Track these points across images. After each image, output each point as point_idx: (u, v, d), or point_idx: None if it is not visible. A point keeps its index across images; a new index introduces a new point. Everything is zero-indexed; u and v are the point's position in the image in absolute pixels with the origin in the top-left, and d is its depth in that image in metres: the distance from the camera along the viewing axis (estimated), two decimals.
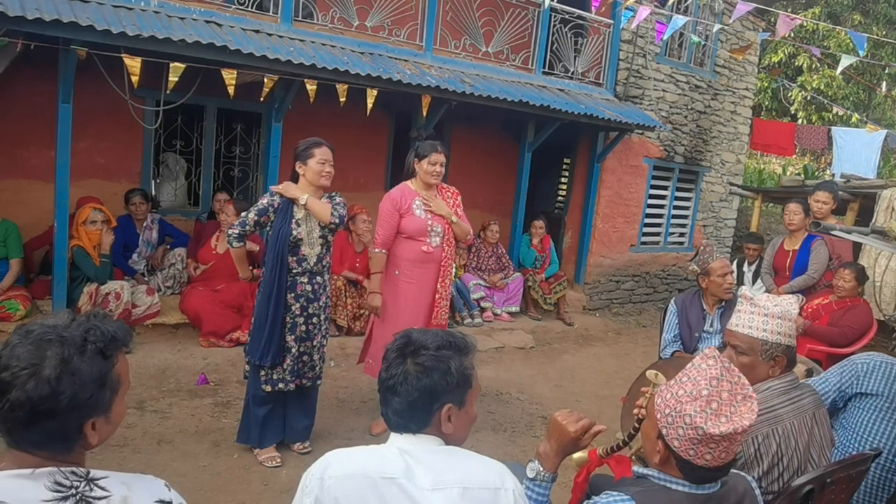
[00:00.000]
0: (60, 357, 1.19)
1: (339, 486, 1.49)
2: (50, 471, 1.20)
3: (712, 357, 1.63)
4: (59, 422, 1.20)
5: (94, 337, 1.24)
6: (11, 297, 4.97)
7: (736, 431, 1.53)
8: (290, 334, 3.69)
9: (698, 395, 1.56)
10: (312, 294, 3.72)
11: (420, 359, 1.55)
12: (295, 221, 3.62)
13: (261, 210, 3.65)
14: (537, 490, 1.83)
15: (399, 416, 1.56)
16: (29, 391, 1.17)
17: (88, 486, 1.22)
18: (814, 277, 5.29)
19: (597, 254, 8.65)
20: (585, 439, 1.85)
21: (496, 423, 4.69)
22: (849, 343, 4.81)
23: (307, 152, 3.64)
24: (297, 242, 3.63)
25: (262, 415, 3.73)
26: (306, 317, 3.72)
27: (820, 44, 14.74)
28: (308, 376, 3.80)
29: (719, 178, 9.90)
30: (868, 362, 2.73)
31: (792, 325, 2.26)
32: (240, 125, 6.80)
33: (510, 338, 6.84)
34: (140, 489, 1.28)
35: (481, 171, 8.13)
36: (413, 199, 4.14)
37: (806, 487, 2.08)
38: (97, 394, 1.23)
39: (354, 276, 6.16)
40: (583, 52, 8.01)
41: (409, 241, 4.14)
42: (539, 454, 1.87)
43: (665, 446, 1.62)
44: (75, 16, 4.49)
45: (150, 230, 5.99)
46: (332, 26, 6.26)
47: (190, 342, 5.42)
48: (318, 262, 3.71)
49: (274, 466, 3.68)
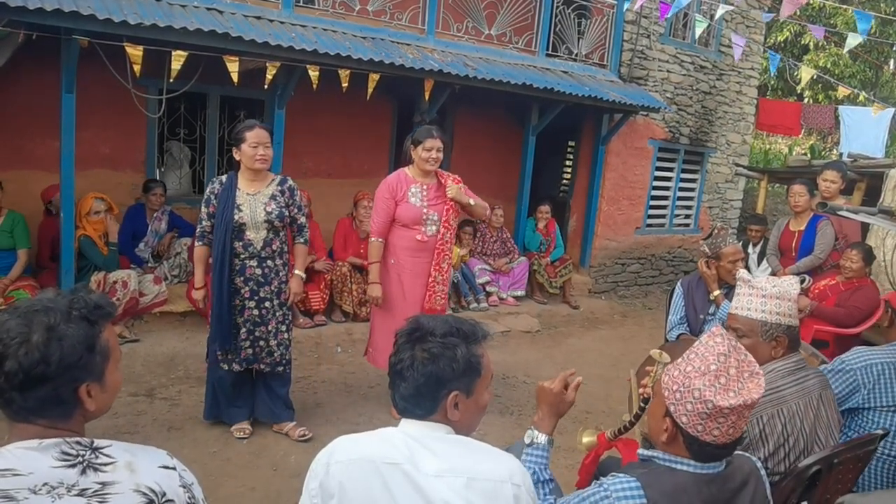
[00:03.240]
0: (47, 324, 1.25)
1: (343, 472, 1.51)
2: (56, 441, 1.26)
3: (719, 335, 1.64)
4: (53, 386, 1.26)
5: (79, 305, 1.30)
6: (20, 287, 5.00)
7: (745, 404, 1.54)
8: (240, 317, 3.72)
9: (707, 370, 1.57)
10: (263, 278, 3.70)
11: (427, 345, 1.56)
12: (237, 207, 3.61)
13: (206, 200, 3.66)
14: (535, 454, 1.90)
15: (406, 400, 1.58)
16: (20, 358, 1.22)
17: (94, 453, 1.28)
18: (820, 258, 5.27)
19: (602, 237, 8.64)
20: (570, 393, 1.93)
21: (503, 407, 4.71)
22: (856, 323, 4.80)
23: (240, 136, 3.59)
24: (240, 227, 3.61)
25: (229, 393, 3.82)
26: (257, 301, 3.71)
27: (826, 21, 14.57)
28: (265, 361, 3.79)
29: (725, 159, 9.84)
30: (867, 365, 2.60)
31: (792, 304, 2.25)
32: (243, 112, 6.79)
33: (516, 322, 6.85)
34: (143, 456, 1.34)
35: (485, 155, 8.11)
36: (409, 187, 4.08)
37: (813, 468, 2.09)
38: (86, 357, 1.29)
39: (359, 261, 6.17)
40: (586, 34, 7.95)
41: (404, 230, 4.09)
42: (534, 423, 1.96)
43: (673, 423, 1.62)
44: (77, 5, 4.47)
45: (160, 221, 6.01)
46: (334, 11, 6.22)
47: (198, 330, 5.45)
48: (266, 247, 3.68)
49: (240, 437, 3.80)
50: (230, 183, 3.66)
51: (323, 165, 7.12)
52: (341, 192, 6.83)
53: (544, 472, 1.87)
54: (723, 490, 1.63)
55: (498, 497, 1.50)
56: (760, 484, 1.72)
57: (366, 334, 5.69)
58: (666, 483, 1.59)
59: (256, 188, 3.68)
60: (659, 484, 1.59)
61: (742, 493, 1.66)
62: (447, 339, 1.57)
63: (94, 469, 1.26)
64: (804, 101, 15.48)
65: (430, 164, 4.06)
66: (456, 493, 1.47)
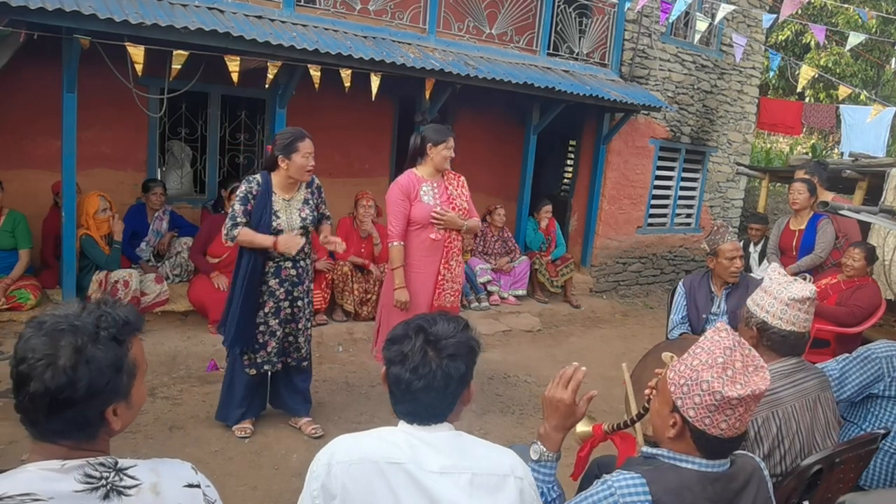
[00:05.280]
0: (74, 346, 1.20)
1: (345, 473, 1.50)
2: (80, 463, 1.22)
3: (724, 330, 1.65)
4: (80, 410, 1.22)
5: (106, 323, 1.25)
6: (22, 287, 5.01)
7: (753, 395, 1.55)
8: (275, 318, 3.73)
9: (714, 363, 1.58)
10: (297, 278, 3.75)
11: (444, 350, 1.55)
12: (275, 213, 3.60)
13: (242, 198, 3.60)
14: (543, 472, 1.81)
15: (429, 409, 1.56)
16: (46, 381, 1.18)
17: (118, 475, 1.24)
18: (821, 257, 5.26)
19: (603, 236, 8.63)
20: (581, 406, 1.83)
21: (504, 406, 4.71)
22: (857, 322, 4.79)
23: (292, 146, 3.57)
24: (277, 233, 3.60)
25: (241, 395, 3.83)
26: (291, 300, 3.76)
27: (828, 21, 14.55)
28: (294, 357, 3.88)
29: (726, 158, 9.84)
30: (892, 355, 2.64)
31: (771, 300, 2.26)
32: (244, 112, 6.79)
33: (517, 321, 6.85)
34: (168, 475, 1.31)
35: (486, 154, 8.11)
36: (421, 186, 4.08)
37: (814, 467, 2.09)
38: (114, 379, 1.24)
39: (360, 261, 6.18)
40: (587, 33, 7.94)
41: (418, 231, 4.08)
42: (540, 436, 1.84)
43: (681, 418, 1.62)
44: (78, 5, 4.47)
45: (161, 220, 6.01)
46: (335, 10, 6.22)
47: (199, 329, 5.46)
48: (300, 250, 3.71)
49: (242, 437, 3.80)
50: (267, 187, 3.62)
51: (324, 165, 7.06)
52: (342, 191, 6.83)
53: (552, 490, 1.80)
54: (727, 489, 1.63)
55: (503, 491, 1.50)
56: (763, 484, 1.72)
57: (367, 333, 5.71)
58: (670, 480, 1.60)
59: (291, 193, 3.70)
60: (663, 481, 1.59)
61: (745, 492, 1.66)
62: (461, 335, 1.58)
63: (117, 492, 1.22)
64: (805, 100, 15.46)
65: (448, 162, 4.11)
66: (461, 489, 1.47)
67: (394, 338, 1.60)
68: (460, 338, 1.57)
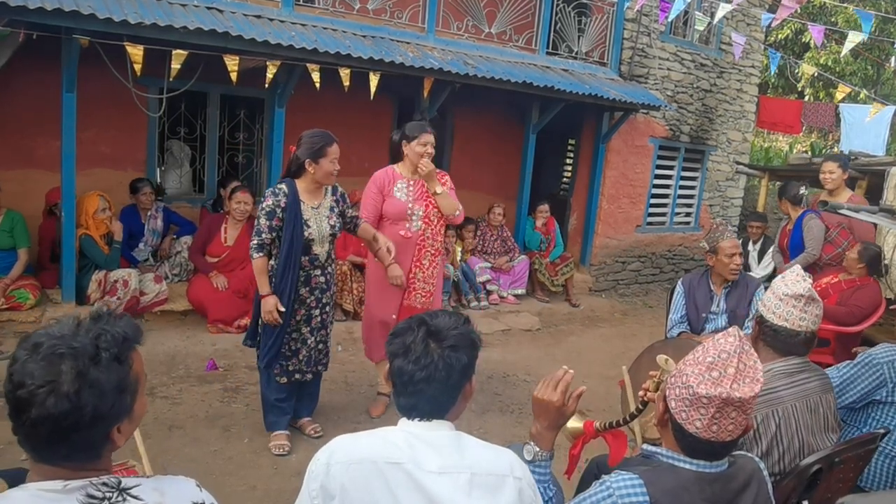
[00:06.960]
0: (76, 370, 1.15)
1: (344, 473, 1.50)
2: (82, 484, 1.18)
3: (734, 335, 1.64)
4: (85, 434, 1.18)
5: (106, 343, 1.20)
6: (21, 287, 5.00)
7: (723, 398, 1.54)
8: (306, 326, 3.69)
9: (702, 361, 1.62)
10: (325, 285, 3.73)
11: (445, 340, 1.56)
12: (305, 223, 3.53)
13: (269, 213, 3.45)
14: (538, 471, 1.81)
15: (432, 402, 1.56)
16: (49, 408, 1.13)
17: (121, 496, 1.21)
18: (813, 254, 5.22)
19: (602, 235, 8.63)
20: (570, 404, 1.84)
21: (503, 405, 4.71)
22: (857, 322, 4.79)
23: (321, 151, 3.47)
24: (308, 243, 3.56)
25: (274, 401, 3.76)
26: (321, 307, 3.74)
27: (828, 20, 14.54)
28: (323, 363, 3.89)
29: (725, 157, 9.83)
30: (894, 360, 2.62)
31: (770, 295, 2.30)
32: (243, 111, 6.78)
33: (516, 320, 6.85)
34: (173, 494, 1.28)
35: (485, 153, 8.10)
36: (396, 182, 4.08)
37: (814, 467, 2.09)
38: (118, 401, 1.20)
39: (360, 260, 6.17)
40: (586, 32, 7.94)
41: (390, 226, 4.07)
42: (532, 436, 1.85)
43: (664, 406, 1.69)
44: (77, 4, 4.47)
45: (155, 219, 6.00)
46: (334, 10, 6.22)
47: (198, 329, 5.46)
48: (327, 258, 3.71)
49: (279, 454, 3.68)
50: (295, 196, 3.50)
51: None
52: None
53: (549, 489, 1.81)
54: (725, 490, 1.63)
55: (501, 491, 1.50)
56: (763, 485, 1.72)
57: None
58: (668, 481, 1.60)
59: (318, 201, 3.61)
60: (661, 482, 1.59)
61: (744, 493, 1.66)
62: (460, 328, 1.60)
63: None
64: (805, 98, 15.46)
65: (425, 158, 4.00)
66: (460, 489, 1.47)
67: (397, 331, 1.63)
68: (462, 330, 1.59)
